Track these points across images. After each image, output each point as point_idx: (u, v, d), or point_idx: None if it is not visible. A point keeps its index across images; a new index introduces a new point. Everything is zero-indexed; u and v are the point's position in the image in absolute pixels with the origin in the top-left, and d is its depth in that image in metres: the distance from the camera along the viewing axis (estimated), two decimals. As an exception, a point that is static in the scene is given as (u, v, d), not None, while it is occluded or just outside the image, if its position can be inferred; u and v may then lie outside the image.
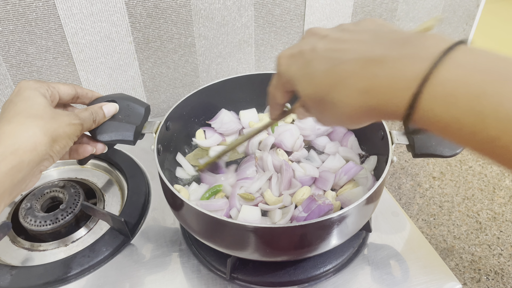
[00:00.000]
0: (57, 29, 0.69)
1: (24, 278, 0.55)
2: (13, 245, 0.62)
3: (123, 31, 0.74)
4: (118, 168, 0.74)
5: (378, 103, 0.30)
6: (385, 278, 0.56)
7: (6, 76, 0.71)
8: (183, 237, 0.62)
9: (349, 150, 0.66)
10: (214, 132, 0.69)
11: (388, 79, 0.28)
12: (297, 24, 0.84)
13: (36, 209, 0.62)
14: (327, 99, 0.33)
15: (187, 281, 0.56)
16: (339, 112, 0.33)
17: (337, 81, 0.32)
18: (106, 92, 0.81)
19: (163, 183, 0.52)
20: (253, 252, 0.50)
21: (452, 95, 0.25)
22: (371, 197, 0.48)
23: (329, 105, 0.33)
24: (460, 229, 0.71)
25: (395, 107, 0.29)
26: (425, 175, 0.82)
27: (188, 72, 0.84)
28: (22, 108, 0.42)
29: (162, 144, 0.59)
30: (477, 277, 0.63)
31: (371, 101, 0.30)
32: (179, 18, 0.76)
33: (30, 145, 0.40)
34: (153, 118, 0.79)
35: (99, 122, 0.50)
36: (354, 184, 0.61)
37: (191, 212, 0.49)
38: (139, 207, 0.65)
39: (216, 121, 0.69)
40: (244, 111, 0.72)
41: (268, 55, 0.87)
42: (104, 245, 0.59)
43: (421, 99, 0.27)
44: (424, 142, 0.52)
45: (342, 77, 0.31)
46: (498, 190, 0.78)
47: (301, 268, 0.57)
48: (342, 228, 0.49)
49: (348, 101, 0.31)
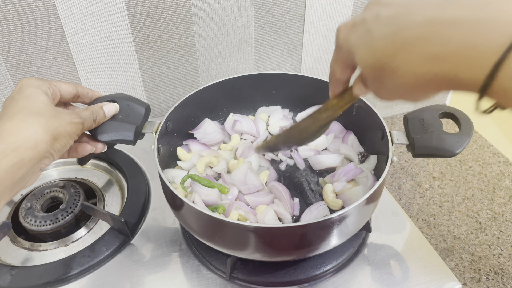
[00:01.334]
0: (57, 29, 0.69)
1: (24, 278, 0.55)
2: (13, 245, 0.62)
3: (123, 31, 0.74)
4: (118, 168, 0.74)
5: (450, 71, 0.27)
6: (385, 278, 0.56)
7: (6, 76, 0.71)
8: (183, 237, 0.62)
9: (349, 148, 0.66)
10: (197, 143, 0.67)
11: (465, 44, 0.26)
12: (297, 24, 0.84)
13: (36, 209, 0.62)
14: (389, 67, 0.30)
15: (187, 281, 0.56)
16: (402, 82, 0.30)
17: (401, 46, 0.29)
18: (106, 92, 0.81)
19: (163, 183, 0.52)
20: (253, 252, 0.50)
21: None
22: (371, 197, 0.48)
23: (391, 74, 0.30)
24: (460, 229, 0.71)
25: (471, 76, 0.26)
26: (425, 175, 0.82)
27: (188, 72, 0.84)
28: (24, 106, 0.42)
29: (162, 144, 0.59)
30: (477, 277, 0.63)
31: (442, 69, 0.27)
32: (179, 18, 0.76)
33: (31, 142, 0.40)
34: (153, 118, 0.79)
35: (99, 121, 0.50)
36: (354, 183, 0.61)
37: (191, 212, 0.49)
38: (139, 207, 0.65)
39: (199, 131, 0.68)
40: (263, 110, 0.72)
41: (268, 55, 0.87)
42: (104, 245, 0.59)
43: (504, 68, 0.24)
44: (424, 142, 0.52)
45: (407, 42, 0.29)
46: (498, 190, 0.78)
47: (301, 268, 0.57)
48: (342, 228, 0.49)
49: (413, 69, 0.29)
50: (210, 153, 0.66)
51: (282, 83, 0.70)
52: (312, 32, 0.86)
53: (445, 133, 0.52)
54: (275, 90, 0.72)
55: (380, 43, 0.31)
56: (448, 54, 0.27)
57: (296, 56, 0.89)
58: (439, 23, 0.27)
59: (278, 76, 0.69)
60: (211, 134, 0.68)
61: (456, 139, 0.51)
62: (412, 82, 0.29)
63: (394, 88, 0.31)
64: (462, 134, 0.52)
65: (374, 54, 0.31)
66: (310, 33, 0.86)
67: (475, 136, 0.91)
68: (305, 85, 0.69)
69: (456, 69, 0.27)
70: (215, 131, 0.69)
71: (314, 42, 0.88)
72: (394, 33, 0.30)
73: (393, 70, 0.30)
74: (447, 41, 0.26)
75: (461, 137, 0.52)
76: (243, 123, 0.68)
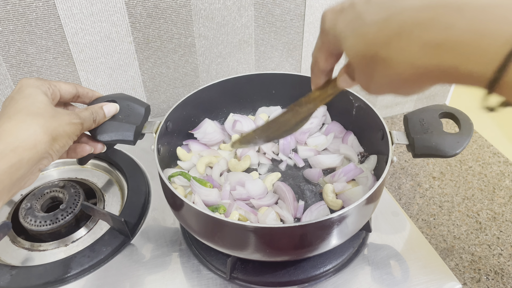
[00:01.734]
0: (57, 29, 0.69)
1: (24, 278, 0.55)
2: (13, 245, 0.62)
3: (123, 31, 0.74)
4: (118, 168, 0.74)
5: (452, 62, 0.24)
6: (385, 278, 0.56)
7: (6, 76, 0.71)
8: (183, 237, 0.62)
9: (349, 148, 0.66)
10: (197, 143, 0.67)
11: (472, 32, 0.23)
12: (297, 24, 0.84)
13: (36, 209, 0.62)
14: (382, 56, 0.27)
15: (187, 281, 0.56)
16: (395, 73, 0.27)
17: (396, 32, 0.25)
18: (106, 92, 0.81)
19: (163, 183, 0.52)
20: (253, 252, 0.49)
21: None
22: (371, 197, 0.48)
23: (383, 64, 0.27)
24: (460, 229, 0.71)
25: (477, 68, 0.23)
26: (425, 175, 0.82)
27: (188, 72, 0.84)
28: (23, 106, 0.42)
29: (162, 144, 0.59)
30: (477, 277, 0.63)
31: (442, 59, 0.24)
32: (179, 18, 0.76)
33: (30, 143, 0.40)
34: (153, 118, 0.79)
35: (99, 122, 0.50)
36: (354, 183, 0.61)
37: (191, 212, 0.49)
38: (139, 207, 0.65)
39: (199, 131, 0.68)
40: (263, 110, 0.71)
41: (268, 55, 0.87)
42: (104, 245, 0.59)
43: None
44: (424, 142, 0.52)
45: (404, 27, 0.25)
46: (498, 190, 0.78)
47: (301, 268, 0.57)
48: (342, 228, 0.49)
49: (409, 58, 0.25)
50: (210, 153, 0.66)
51: (282, 83, 0.70)
52: (312, 32, 0.86)
53: (445, 133, 0.52)
54: (275, 90, 0.72)
55: (372, 29, 0.27)
56: (451, 42, 0.23)
57: (296, 56, 0.89)
58: (441, 7, 0.24)
59: (278, 76, 0.69)
60: (211, 134, 0.68)
61: (456, 139, 0.51)
62: (406, 74, 0.26)
63: (385, 80, 0.28)
64: (462, 134, 0.52)
65: (365, 41, 0.28)
66: (310, 33, 0.86)
67: (475, 136, 0.91)
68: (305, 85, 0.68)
69: (459, 60, 0.23)
70: (215, 131, 0.69)
71: (314, 42, 0.88)
72: (389, 17, 0.26)
73: (386, 60, 0.27)
74: (450, 28, 0.23)
75: (461, 137, 0.52)
76: (243, 123, 0.68)
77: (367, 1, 0.29)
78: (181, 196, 0.48)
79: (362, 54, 0.28)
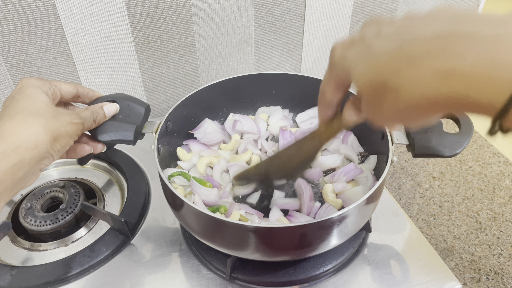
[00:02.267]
0: (57, 29, 0.69)
1: (24, 278, 0.55)
2: (13, 245, 0.62)
3: (123, 31, 0.74)
4: (118, 168, 0.74)
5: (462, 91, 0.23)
6: (385, 278, 0.56)
7: (6, 76, 0.71)
8: (183, 237, 0.62)
9: (349, 148, 0.66)
10: (197, 143, 0.67)
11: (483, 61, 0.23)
12: (297, 24, 0.84)
13: (36, 209, 0.62)
14: (391, 83, 0.26)
15: (187, 281, 0.56)
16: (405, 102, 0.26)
17: (407, 60, 0.25)
18: (106, 92, 0.81)
19: (163, 183, 0.52)
20: (253, 252, 0.50)
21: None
22: (371, 197, 0.48)
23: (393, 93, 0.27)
24: (460, 229, 0.71)
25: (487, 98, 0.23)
26: (425, 175, 0.82)
27: (188, 72, 0.84)
28: (24, 106, 0.42)
29: (162, 144, 0.59)
30: (477, 277, 0.63)
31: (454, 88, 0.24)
32: (179, 18, 0.76)
33: (32, 143, 0.40)
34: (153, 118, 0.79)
35: (99, 121, 0.50)
36: (354, 183, 0.61)
37: (191, 212, 0.49)
38: (139, 207, 0.65)
39: (199, 131, 0.68)
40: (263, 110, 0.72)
41: (268, 55, 0.87)
42: (104, 245, 0.59)
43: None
44: (424, 142, 0.52)
45: (415, 56, 0.25)
46: (498, 190, 0.78)
47: (301, 268, 0.57)
48: (342, 228, 0.49)
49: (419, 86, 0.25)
50: (210, 153, 0.66)
51: (282, 83, 0.70)
52: (312, 32, 0.86)
53: (445, 133, 0.52)
54: (275, 90, 0.72)
55: (382, 58, 0.27)
56: (462, 71, 0.23)
57: (296, 56, 0.89)
58: (453, 37, 0.24)
59: (278, 76, 0.69)
60: (211, 134, 0.68)
61: (456, 139, 0.51)
62: (416, 103, 0.26)
63: (394, 110, 0.28)
64: (462, 134, 0.52)
65: (375, 69, 0.28)
66: (310, 33, 0.86)
67: (475, 136, 0.91)
68: (305, 85, 0.69)
69: (470, 89, 0.23)
70: (215, 131, 0.69)
71: (314, 42, 0.88)
72: (400, 47, 0.26)
73: (396, 88, 0.26)
74: (462, 57, 0.23)
75: (461, 137, 0.52)
76: (243, 123, 0.68)
77: (378, 33, 0.29)
78: (181, 196, 0.48)
79: (371, 83, 0.28)
